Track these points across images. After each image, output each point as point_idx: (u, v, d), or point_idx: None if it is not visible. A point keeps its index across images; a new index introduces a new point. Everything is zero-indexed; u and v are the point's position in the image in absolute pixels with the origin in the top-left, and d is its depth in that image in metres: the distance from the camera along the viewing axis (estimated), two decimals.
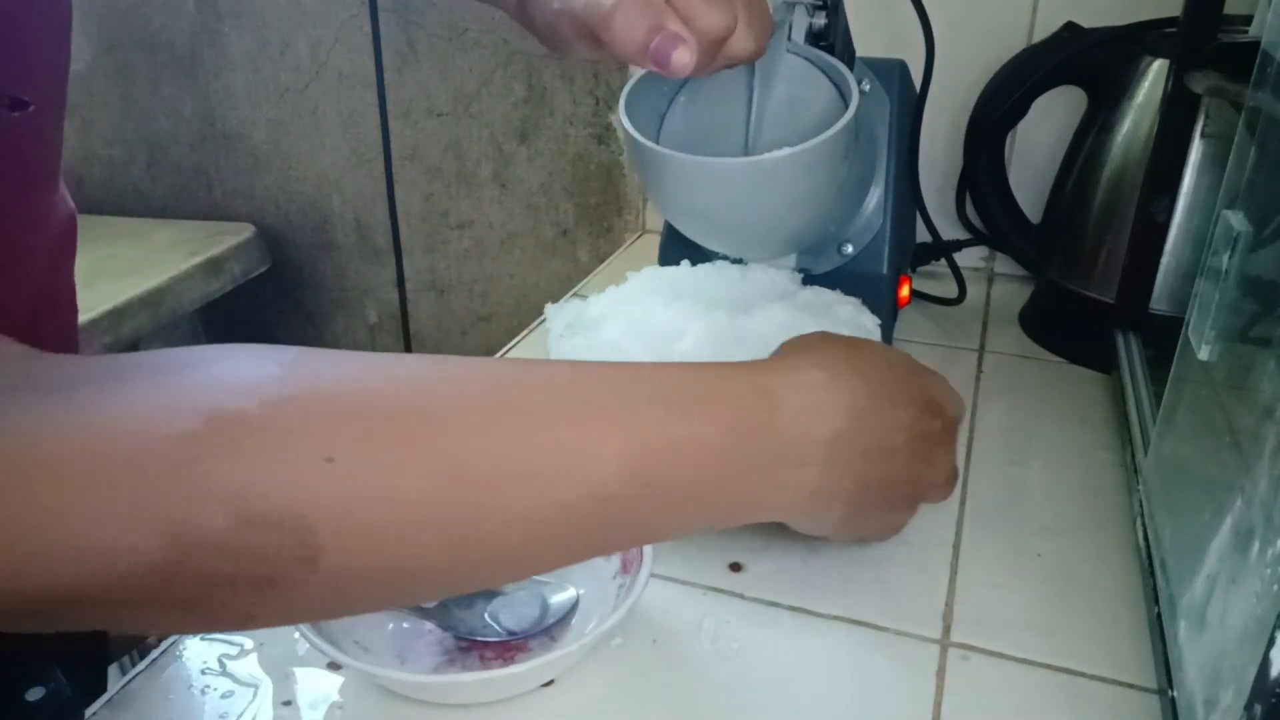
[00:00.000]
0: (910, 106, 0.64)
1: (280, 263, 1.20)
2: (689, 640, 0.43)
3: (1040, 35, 0.76)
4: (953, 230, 0.82)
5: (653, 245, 0.69)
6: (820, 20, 0.56)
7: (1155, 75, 0.66)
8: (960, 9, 0.77)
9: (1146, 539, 0.46)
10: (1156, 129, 0.60)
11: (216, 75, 1.14)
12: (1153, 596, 0.42)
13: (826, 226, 0.61)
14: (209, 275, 1.09)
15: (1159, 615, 0.41)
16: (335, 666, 0.42)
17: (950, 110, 0.79)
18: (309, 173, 1.16)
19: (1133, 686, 0.41)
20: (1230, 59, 0.49)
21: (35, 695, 0.41)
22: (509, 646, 0.43)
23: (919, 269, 0.77)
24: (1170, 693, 0.37)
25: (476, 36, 1.03)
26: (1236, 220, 0.38)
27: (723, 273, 0.60)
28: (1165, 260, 0.62)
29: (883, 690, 0.41)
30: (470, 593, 0.43)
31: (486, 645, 0.43)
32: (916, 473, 0.41)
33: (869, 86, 0.61)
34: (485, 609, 0.44)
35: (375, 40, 1.06)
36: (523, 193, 1.09)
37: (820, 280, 0.61)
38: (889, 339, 0.64)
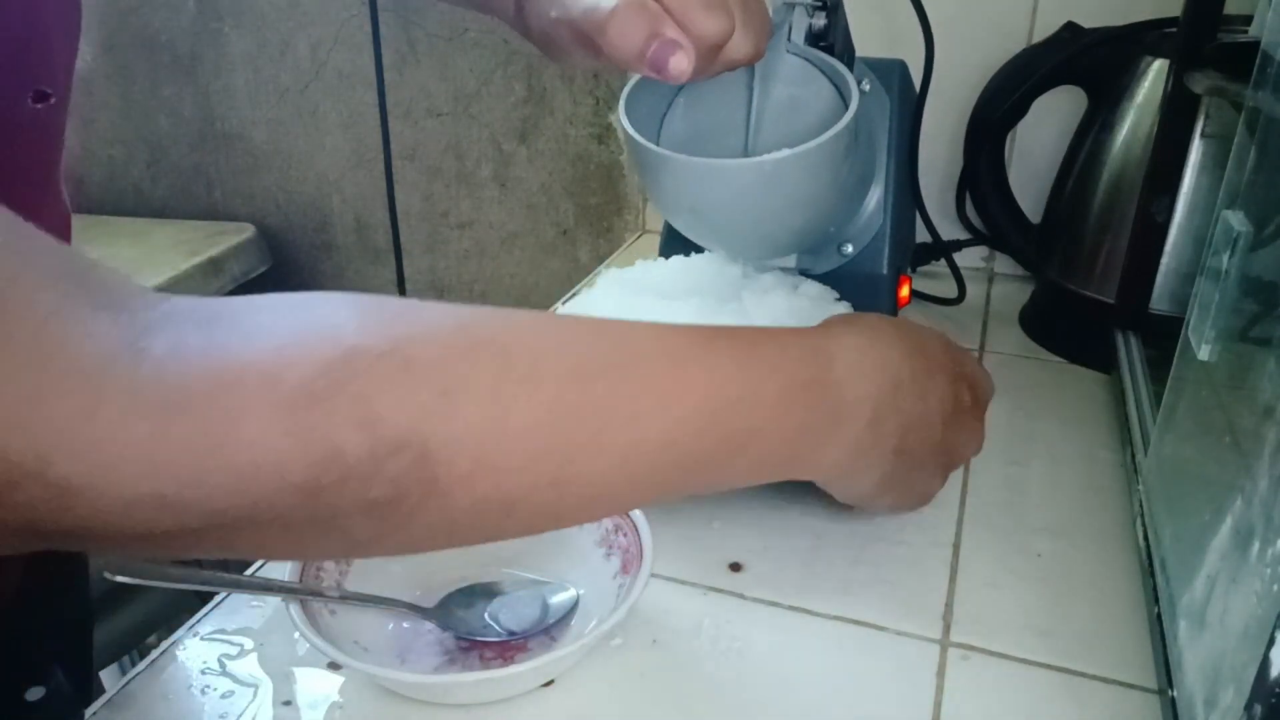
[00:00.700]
0: (910, 106, 0.64)
1: (280, 263, 1.20)
2: (689, 640, 0.43)
3: (1040, 35, 0.76)
4: (953, 230, 0.82)
5: (653, 245, 0.69)
6: (820, 21, 0.55)
7: (1155, 75, 0.65)
8: (960, 9, 0.77)
9: (1146, 539, 0.46)
10: (1156, 129, 0.60)
11: (216, 75, 1.14)
12: (1153, 596, 0.42)
13: (826, 227, 0.61)
14: (209, 275, 1.09)
15: (1159, 615, 0.41)
16: (335, 666, 0.42)
17: (950, 110, 0.79)
18: (309, 173, 1.16)
19: (1133, 686, 0.41)
20: (1230, 59, 0.49)
21: (35, 695, 0.41)
22: (509, 646, 0.43)
23: (919, 269, 0.77)
24: (1170, 693, 0.37)
25: (476, 36, 1.03)
26: (1236, 220, 0.38)
27: (723, 272, 0.60)
28: (1165, 260, 0.62)
29: (883, 690, 0.41)
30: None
31: (486, 645, 0.43)
32: (950, 441, 0.44)
33: (869, 86, 0.61)
34: (485, 609, 0.44)
35: (375, 40, 1.06)
36: (523, 193, 1.09)
37: (820, 280, 0.61)
38: None
